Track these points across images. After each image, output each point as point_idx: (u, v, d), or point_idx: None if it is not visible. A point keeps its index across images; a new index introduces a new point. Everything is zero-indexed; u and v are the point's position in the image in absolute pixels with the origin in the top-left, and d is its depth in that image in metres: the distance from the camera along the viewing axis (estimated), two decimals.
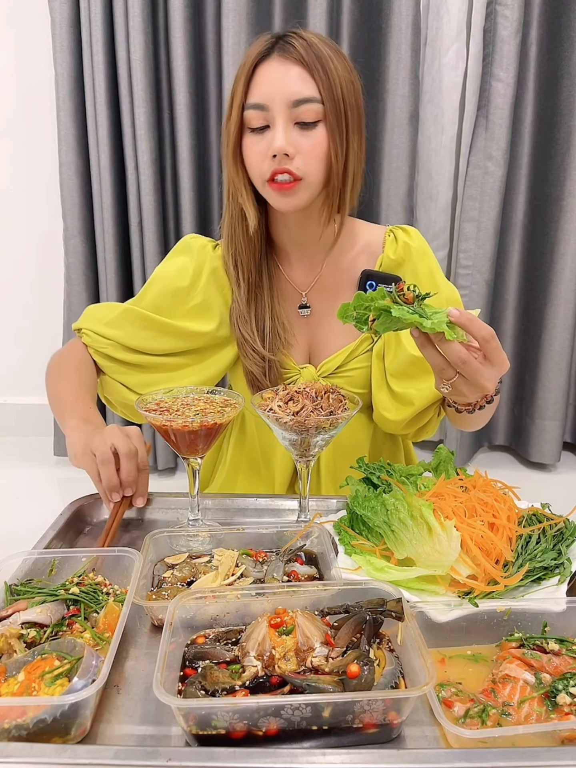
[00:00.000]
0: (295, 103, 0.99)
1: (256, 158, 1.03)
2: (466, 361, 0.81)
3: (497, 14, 2.09)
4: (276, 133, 1.00)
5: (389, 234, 1.18)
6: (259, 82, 1.01)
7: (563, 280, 2.32)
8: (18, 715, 0.56)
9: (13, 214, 2.63)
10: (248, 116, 1.02)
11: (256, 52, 1.02)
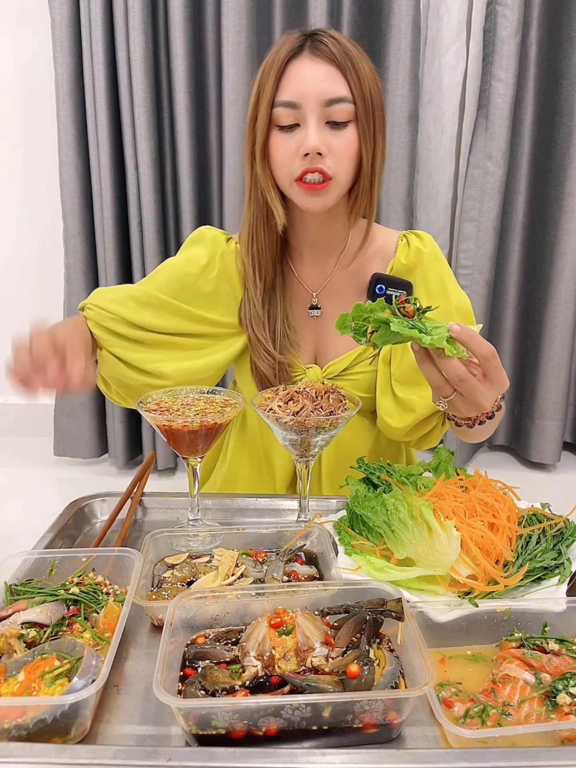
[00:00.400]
0: (328, 102, 0.98)
1: (284, 156, 1.02)
2: (464, 379, 0.81)
3: (497, 14, 2.09)
4: (308, 131, 0.98)
5: (402, 239, 1.18)
6: (290, 79, 1.00)
7: (563, 280, 2.32)
8: (18, 715, 0.56)
9: (13, 214, 2.62)
10: (277, 114, 1.01)
11: (286, 49, 1.00)
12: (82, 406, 2.51)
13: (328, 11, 2.08)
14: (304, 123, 1.00)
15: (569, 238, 2.28)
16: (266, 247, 1.13)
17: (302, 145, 0.99)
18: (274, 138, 1.03)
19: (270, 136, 1.03)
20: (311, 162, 0.99)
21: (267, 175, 1.06)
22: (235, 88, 2.13)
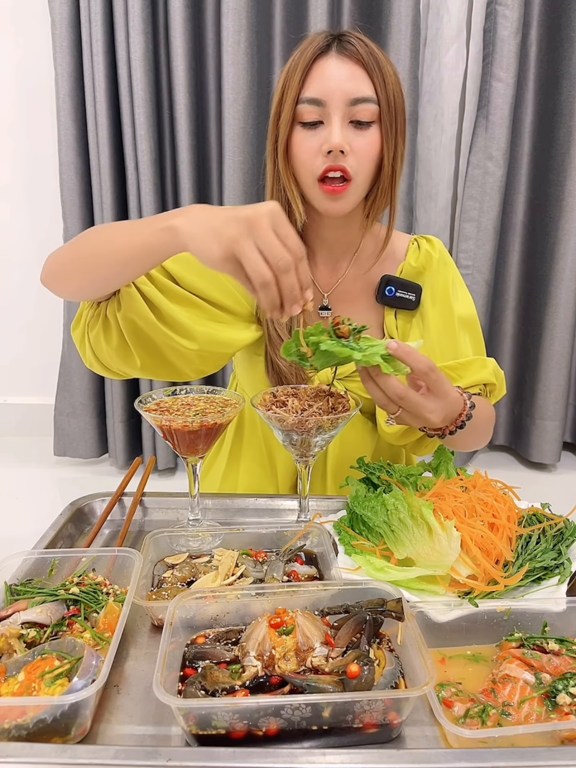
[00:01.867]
0: (353, 102, 0.98)
1: (307, 154, 1.01)
2: (403, 396, 0.83)
3: (497, 14, 2.09)
4: (332, 129, 0.98)
5: (413, 242, 1.19)
6: (316, 76, 1.00)
7: (563, 280, 2.32)
8: (18, 715, 0.56)
9: (14, 215, 2.63)
10: (301, 110, 1.00)
11: (314, 47, 1.00)
12: (82, 406, 2.51)
13: (328, 11, 2.08)
14: (328, 121, 0.99)
15: (569, 238, 2.28)
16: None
17: (326, 142, 0.98)
18: (297, 135, 1.02)
19: (293, 133, 1.03)
20: (334, 160, 0.98)
21: (288, 173, 1.06)
22: (235, 88, 2.13)
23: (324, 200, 1.03)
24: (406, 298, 1.14)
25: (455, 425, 0.94)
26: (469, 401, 0.95)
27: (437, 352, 1.13)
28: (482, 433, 1.12)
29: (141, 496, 1.06)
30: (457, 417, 0.94)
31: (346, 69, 0.99)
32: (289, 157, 1.05)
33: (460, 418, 0.94)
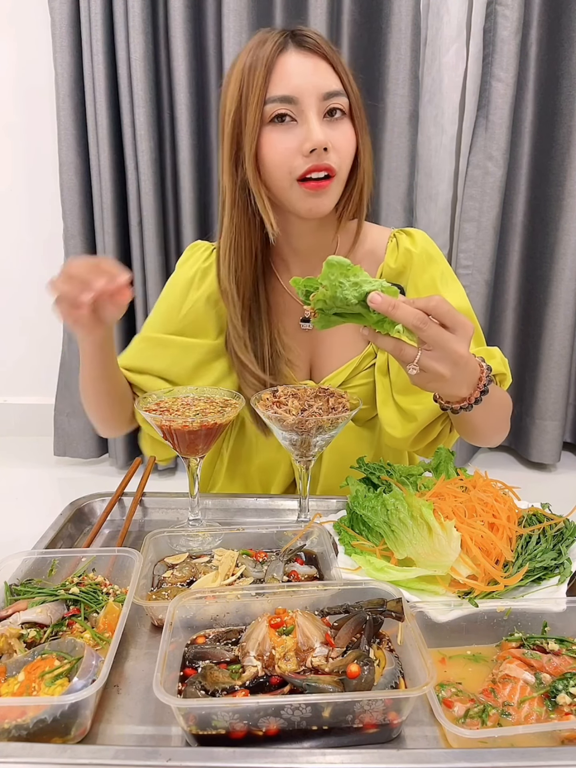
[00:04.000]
0: (326, 96, 0.95)
1: (284, 155, 0.95)
2: (424, 320, 0.73)
3: (497, 14, 2.09)
4: (312, 126, 0.93)
5: (392, 239, 1.13)
6: (283, 73, 0.94)
7: (563, 280, 2.32)
8: (18, 715, 0.56)
9: (14, 215, 2.63)
10: (271, 110, 0.95)
11: (271, 44, 0.95)
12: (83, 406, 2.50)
13: (328, 11, 2.08)
14: (302, 118, 0.95)
15: (569, 238, 2.28)
16: (248, 261, 1.06)
17: (307, 140, 0.93)
18: (267, 137, 0.96)
19: (262, 135, 0.97)
20: (317, 159, 0.94)
21: (259, 180, 0.99)
22: None
23: (306, 199, 0.97)
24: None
25: (478, 390, 0.86)
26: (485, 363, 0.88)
27: None
28: (501, 415, 1.04)
29: (141, 496, 1.06)
30: (478, 381, 0.86)
31: (311, 63, 0.95)
32: (259, 162, 0.99)
33: (481, 382, 0.86)
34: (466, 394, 0.86)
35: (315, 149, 0.93)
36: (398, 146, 2.20)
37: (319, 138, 0.93)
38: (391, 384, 1.09)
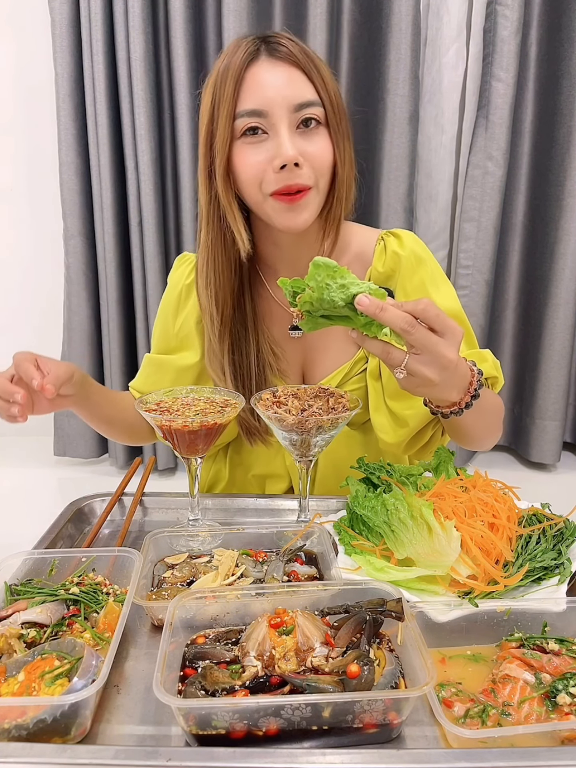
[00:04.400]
0: (297, 107, 0.91)
1: (254, 169, 0.93)
2: (412, 323, 0.72)
3: (497, 14, 2.09)
4: (282, 140, 0.90)
5: (380, 241, 1.09)
6: (252, 86, 0.92)
7: (563, 280, 2.32)
8: (18, 715, 0.56)
9: (14, 214, 2.63)
10: (241, 124, 0.92)
11: (241, 53, 0.92)
12: None
13: (328, 11, 2.08)
14: (273, 132, 0.92)
15: (569, 238, 2.28)
16: (226, 276, 1.04)
17: (277, 156, 0.90)
18: (238, 151, 0.94)
19: (233, 149, 0.94)
20: (288, 178, 0.91)
21: (230, 196, 0.97)
22: None
23: (281, 214, 0.95)
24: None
25: (469, 394, 0.84)
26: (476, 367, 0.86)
27: None
28: (493, 420, 1.03)
29: (141, 496, 1.06)
30: (468, 385, 0.84)
31: (282, 73, 0.92)
32: (231, 178, 0.97)
33: (472, 386, 0.84)
34: (456, 399, 0.83)
35: (285, 165, 0.90)
36: (398, 146, 2.20)
37: (289, 154, 0.89)
38: (383, 389, 1.08)
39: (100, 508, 1.04)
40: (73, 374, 0.98)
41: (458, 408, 0.85)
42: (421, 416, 1.04)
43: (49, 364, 0.95)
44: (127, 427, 1.18)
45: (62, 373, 0.95)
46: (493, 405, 1.01)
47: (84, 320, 2.43)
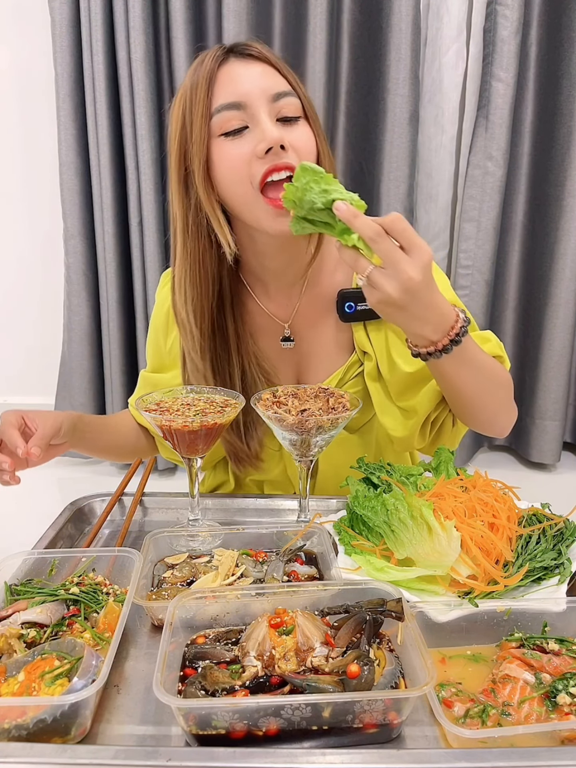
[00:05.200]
0: (275, 97, 0.90)
1: (239, 163, 0.90)
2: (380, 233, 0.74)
3: (497, 14, 2.09)
4: (264, 126, 0.88)
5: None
6: (226, 81, 0.90)
7: (563, 280, 2.32)
8: (18, 715, 0.56)
9: (14, 215, 2.62)
10: (221, 120, 0.90)
11: (210, 60, 0.91)
12: (82, 406, 2.51)
13: (328, 10, 2.08)
14: (254, 122, 0.90)
15: (569, 238, 2.28)
16: (206, 290, 1.01)
17: (261, 140, 0.88)
18: (218, 149, 0.92)
19: (211, 150, 0.92)
20: (275, 159, 0.88)
21: (212, 199, 0.94)
22: None
23: (274, 218, 0.91)
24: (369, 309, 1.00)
25: (448, 337, 0.83)
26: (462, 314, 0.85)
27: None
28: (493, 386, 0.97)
29: (141, 496, 1.06)
30: (450, 328, 0.83)
31: (255, 68, 0.92)
32: (212, 179, 0.93)
33: (453, 330, 0.83)
34: (434, 337, 0.83)
35: (271, 148, 0.88)
36: (398, 146, 2.20)
37: (274, 135, 0.87)
38: (387, 389, 1.07)
39: (100, 508, 1.04)
40: (60, 426, 0.98)
41: (435, 349, 0.84)
42: (427, 400, 1.02)
43: (36, 419, 0.96)
44: (130, 449, 1.18)
45: (48, 429, 0.95)
46: (491, 368, 0.97)
47: (84, 320, 2.42)
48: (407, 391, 1.04)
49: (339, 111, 2.23)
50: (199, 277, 1.01)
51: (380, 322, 1.05)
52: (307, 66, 2.12)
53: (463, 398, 0.97)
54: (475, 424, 1.05)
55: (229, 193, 0.94)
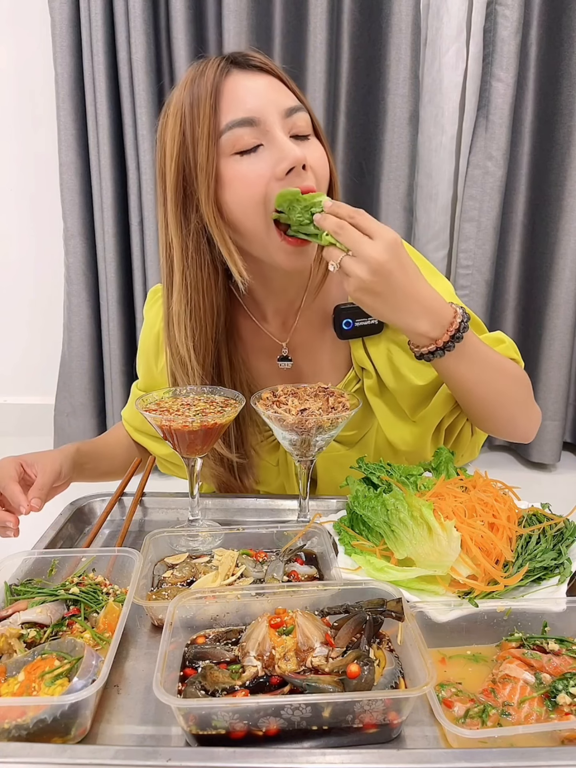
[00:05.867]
0: (288, 112, 0.85)
1: (255, 184, 0.84)
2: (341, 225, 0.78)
3: (497, 14, 2.09)
4: (283, 144, 0.83)
5: None
6: (235, 96, 0.84)
7: (563, 280, 2.32)
8: (18, 715, 0.56)
9: (14, 214, 2.63)
10: (233, 138, 0.84)
11: (213, 70, 0.84)
12: (82, 406, 2.51)
13: (328, 11, 2.08)
14: (268, 139, 0.84)
15: (569, 238, 2.28)
16: (209, 322, 0.96)
17: (282, 159, 0.82)
18: (229, 170, 0.85)
19: (221, 170, 0.85)
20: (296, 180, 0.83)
21: (222, 224, 0.87)
22: None
23: (289, 256, 0.87)
24: (367, 325, 1.00)
25: (448, 333, 0.81)
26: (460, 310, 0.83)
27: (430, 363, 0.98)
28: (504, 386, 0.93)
29: (141, 496, 1.06)
30: (448, 324, 0.82)
31: (261, 80, 0.86)
32: (221, 203, 0.87)
33: (453, 326, 0.81)
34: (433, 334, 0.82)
35: (293, 168, 0.82)
36: (398, 146, 2.20)
37: (297, 154, 0.82)
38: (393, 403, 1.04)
39: (100, 508, 1.04)
40: (60, 469, 0.98)
41: (437, 347, 0.83)
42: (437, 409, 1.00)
43: (36, 465, 0.96)
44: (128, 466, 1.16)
45: (48, 476, 0.96)
46: (502, 365, 0.94)
47: (84, 320, 2.43)
48: (421, 405, 1.02)
49: (339, 111, 2.24)
50: (202, 310, 0.95)
51: (379, 337, 1.03)
52: (307, 66, 2.12)
53: (475, 399, 0.94)
54: (494, 429, 1.00)
55: (240, 218, 0.88)
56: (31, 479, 0.96)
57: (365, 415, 1.08)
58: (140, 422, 1.16)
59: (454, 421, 1.04)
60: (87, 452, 1.10)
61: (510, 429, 1.00)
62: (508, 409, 0.96)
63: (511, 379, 0.95)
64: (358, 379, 1.09)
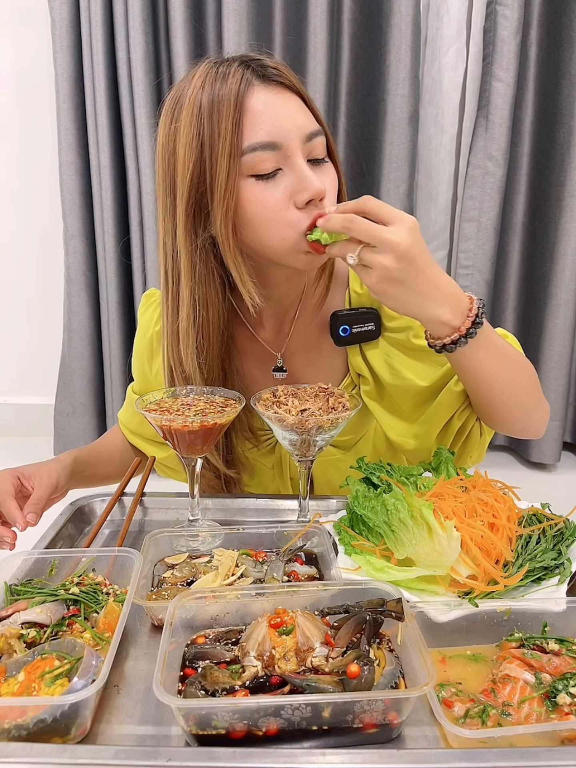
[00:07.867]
0: (308, 137, 0.84)
1: (275, 210, 0.82)
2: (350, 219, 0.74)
3: (497, 14, 2.09)
4: (305, 173, 0.82)
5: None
6: (258, 115, 0.81)
7: (563, 280, 2.32)
8: (18, 715, 0.56)
9: (14, 215, 2.63)
10: (254, 160, 0.81)
11: (236, 79, 0.81)
12: (82, 406, 2.51)
13: (328, 11, 2.08)
14: (288, 164, 0.82)
15: (569, 238, 2.28)
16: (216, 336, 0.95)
17: (303, 190, 0.82)
18: (247, 191, 0.82)
19: (240, 192, 0.82)
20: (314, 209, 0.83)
21: (236, 243, 0.85)
22: None
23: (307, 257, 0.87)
24: (365, 331, 1.00)
25: (469, 319, 0.79)
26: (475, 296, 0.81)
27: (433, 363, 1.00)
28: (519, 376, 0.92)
29: (141, 496, 1.06)
30: (467, 310, 0.79)
31: (285, 100, 0.83)
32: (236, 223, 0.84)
33: (472, 311, 0.79)
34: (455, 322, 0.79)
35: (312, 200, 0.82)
36: (398, 146, 2.20)
37: (318, 187, 0.82)
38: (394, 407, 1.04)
39: (100, 508, 1.04)
40: (57, 482, 0.98)
41: (459, 336, 0.80)
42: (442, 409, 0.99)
43: (33, 478, 0.96)
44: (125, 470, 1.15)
45: (44, 489, 0.95)
46: (515, 355, 0.92)
47: (84, 320, 2.43)
48: (424, 404, 1.02)
49: (339, 111, 2.24)
50: (210, 325, 0.93)
51: (376, 342, 1.03)
52: (308, 66, 2.13)
53: (494, 393, 0.91)
54: (508, 424, 0.98)
55: (260, 237, 0.86)
56: (28, 491, 0.96)
57: (361, 420, 1.08)
58: (136, 425, 1.16)
59: (464, 421, 1.03)
60: (84, 460, 1.09)
61: (525, 423, 0.98)
62: (525, 403, 0.94)
63: (525, 370, 0.93)
64: (355, 385, 1.09)
